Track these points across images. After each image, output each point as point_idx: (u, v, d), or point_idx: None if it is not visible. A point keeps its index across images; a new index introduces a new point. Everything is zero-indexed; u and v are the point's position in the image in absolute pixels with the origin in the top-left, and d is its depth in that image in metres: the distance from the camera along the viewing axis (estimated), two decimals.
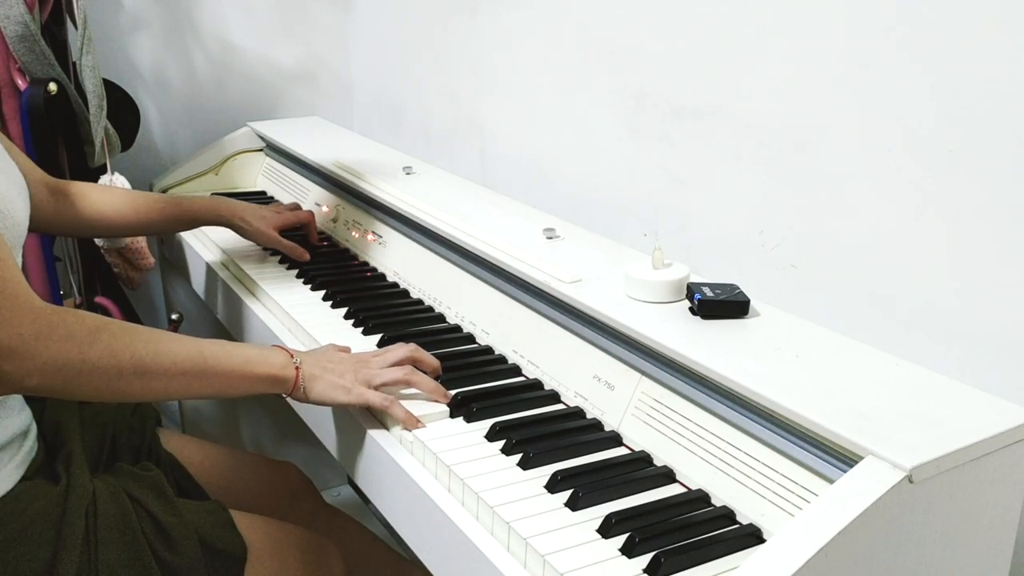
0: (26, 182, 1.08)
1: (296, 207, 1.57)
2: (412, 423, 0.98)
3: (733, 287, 1.01)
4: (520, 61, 1.53)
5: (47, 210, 1.23)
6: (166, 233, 1.70)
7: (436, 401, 1.03)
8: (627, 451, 0.95)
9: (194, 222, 1.44)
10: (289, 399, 1.03)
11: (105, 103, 1.54)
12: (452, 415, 1.01)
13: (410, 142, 1.91)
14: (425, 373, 1.05)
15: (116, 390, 0.90)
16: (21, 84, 1.48)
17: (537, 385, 1.07)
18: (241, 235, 1.48)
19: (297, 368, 1.00)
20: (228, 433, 2.04)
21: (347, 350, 1.08)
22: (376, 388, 1.01)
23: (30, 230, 1.11)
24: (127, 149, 1.72)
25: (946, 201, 0.92)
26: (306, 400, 1.01)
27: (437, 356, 1.10)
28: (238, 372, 0.97)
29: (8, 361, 0.83)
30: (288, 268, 1.46)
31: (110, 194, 1.34)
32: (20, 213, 0.98)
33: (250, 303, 1.37)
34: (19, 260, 1.01)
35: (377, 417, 1.03)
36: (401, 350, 1.06)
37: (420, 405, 1.02)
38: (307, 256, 1.47)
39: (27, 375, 0.84)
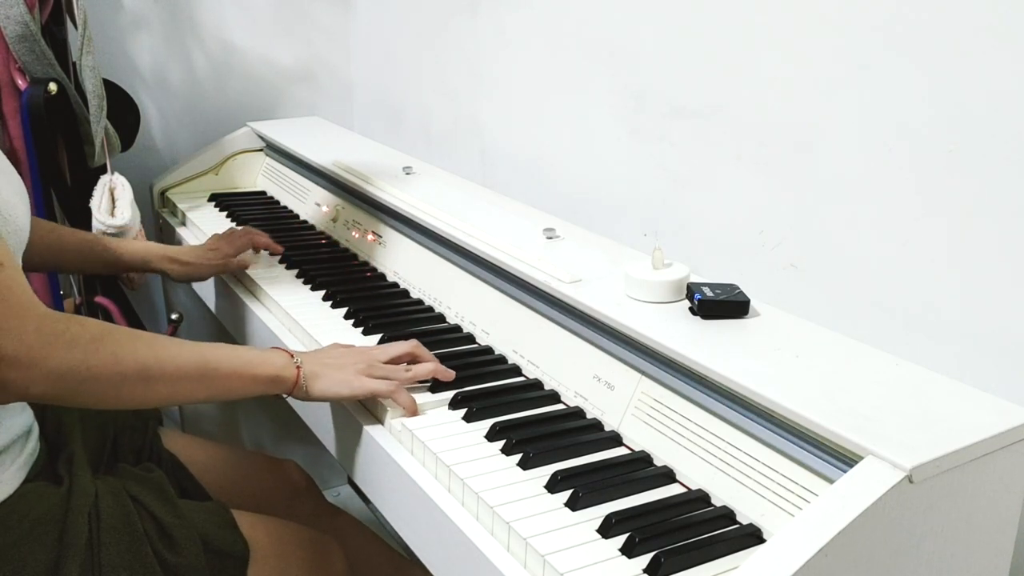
0: None
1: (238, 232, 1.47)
2: (416, 411, 1.00)
3: (733, 287, 1.01)
4: (520, 61, 1.53)
5: None
6: (93, 273, 1.55)
7: (439, 381, 1.05)
8: (627, 451, 0.95)
9: (121, 264, 1.36)
10: (292, 399, 1.03)
11: (105, 103, 1.54)
12: (451, 408, 1.01)
13: (410, 142, 1.91)
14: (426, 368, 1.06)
15: (120, 396, 0.90)
16: (21, 84, 1.48)
17: (537, 385, 1.07)
18: (173, 277, 1.39)
19: (298, 368, 1.00)
20: (228, 433, 2.04)
21: (350, 347, 1.08)
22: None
23: None
24: (127, 149, 1.72)
25: (946, 201, 0.92)
26: (308, 398, 1.01)
27: (437, 356, 1.10)
28: (240, 374, 0.97)
29: (13, 370, 0.82)
30: (288, 268, 1.46)
31: (46, 230, 1.27)
32: (22, 219, 0.97)
33: (250, 303, 1.37)
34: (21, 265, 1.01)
35: (376, 415, 1.03)
36: (402, 345, 1.07)
37: (420, 396, 1.03)
38: (247, 263, 1.42)
39: (32, 383, 0.84)
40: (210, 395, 0.97)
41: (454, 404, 1.02)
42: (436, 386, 1.06)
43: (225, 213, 1.75)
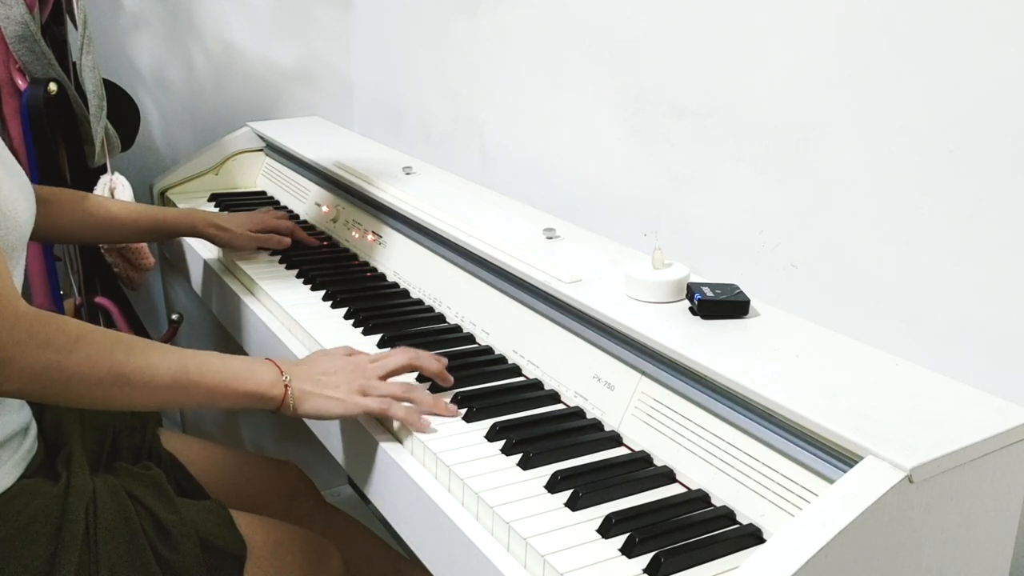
0: None
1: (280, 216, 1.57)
2: (415, 422, 0.96)
3: (733, 287, 1.01)
4: (520, 61, 1.53)
5: None
6: (143, 241, 1.64)
7: (440, 415, 0.99)
8: (627, 451, 0.95)
9: (171, 232, 1.47)
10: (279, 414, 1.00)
11: (105, 103, 1.54)
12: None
13: (410, 142, 1.91)
14: (430, 373, 1.04)
15: (95, 399, 0.89)
16: (21, 84, 1.48)
17: (537, 385, 1.07)
18: (216, 243, 1.49)
19: (287, 386, 0.97)
20: (229, 433, 2.04)
21: (345, 357, 1.04)
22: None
23: None
24: (127, 149, 1.72)
25: (946, 201, 0.92)
26: (296, 416, 0.99)
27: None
28: (223, 388, 0.95)
29: None
30: (288, 268, 1.46)
31: (90, 202, 1.35)
32: (24, 215, 0.98)
33: (250, 303, 1.37)
34: (22, 261, 1.01)
35: (377, 418, 1.03)
36: (400, 356, 1.03)
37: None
38: (287, 242, 1.51)
39: (5, 380, 0.84)
40: (191, 404, 0.96)
41: (454, 404, 1.02)
42: (436, 387, 1.06)
43: (225, 213, 1.75)
